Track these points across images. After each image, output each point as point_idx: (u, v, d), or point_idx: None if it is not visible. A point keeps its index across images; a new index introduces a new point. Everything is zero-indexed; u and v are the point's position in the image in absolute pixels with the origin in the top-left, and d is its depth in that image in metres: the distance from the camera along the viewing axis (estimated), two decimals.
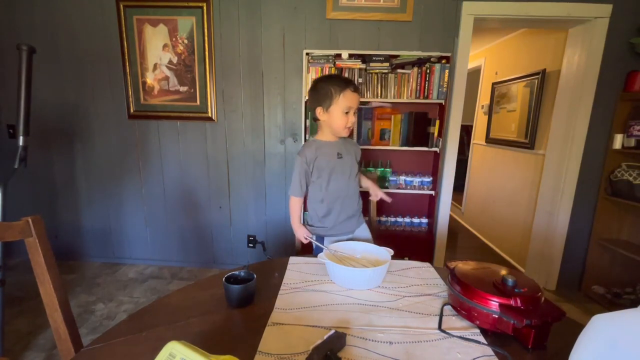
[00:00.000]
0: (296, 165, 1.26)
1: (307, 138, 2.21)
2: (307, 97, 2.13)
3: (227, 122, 2.36)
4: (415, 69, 2.07)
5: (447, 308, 0.80)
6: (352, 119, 1.21)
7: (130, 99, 2.33)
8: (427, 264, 1.06)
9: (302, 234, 1.29)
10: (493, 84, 3.31)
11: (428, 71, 2.06)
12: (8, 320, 1.79)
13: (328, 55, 2.09)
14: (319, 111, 1.22)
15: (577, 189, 2.25)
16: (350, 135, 2.05)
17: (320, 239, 1.32)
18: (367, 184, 1.40)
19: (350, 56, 2.08)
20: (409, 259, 1.09)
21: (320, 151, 1.25)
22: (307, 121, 2.19)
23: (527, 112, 2.73)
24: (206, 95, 2.30)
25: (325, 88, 1.18)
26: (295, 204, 1.32)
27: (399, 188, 2.20)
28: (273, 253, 2.52)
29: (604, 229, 2.23)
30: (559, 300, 2.25)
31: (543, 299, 0.70)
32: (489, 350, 0.65)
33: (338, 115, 1.19)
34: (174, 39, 2.23)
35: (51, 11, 2.24)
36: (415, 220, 2.31)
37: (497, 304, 0.68)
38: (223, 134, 2.38)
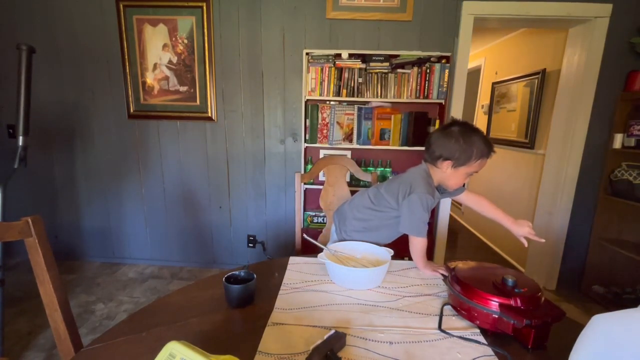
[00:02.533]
0: (421, 203, 1.04)
1: (306, 138, 2.20)
2: (305, 98, 2.13)
3: (227, 122, 2.36)
4: (415, 68, 2.07)
5: (447, 308, 0.80)
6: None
7: (130, 98, 2.33)
8: None
9: (438, 269, 1.04)
10: (493, 83, 3.31)
11: (428, 71, 2.06)
12: (8, 320, 1.79)
13: (328, 55, 2.09)
14: (446, 164, 1.03)
15: (577, 188, 2.25)
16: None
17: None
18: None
19: (350, 56, 2.08)
20: (409, 259, 1.09)
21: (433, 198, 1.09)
22: (307, 121, 2.19)
23: (527, 112, 2.73)
24: (206, 95, 2.30)
25: (470, 147, 1.01)
26: (423, 245, 1.06)
27: None
28: (273, 253, 2.52)
29: (604, 229, 2.23)
30: (559, 300, 2.24)
31: (543, 299, 0.70)
32: (489, 350, 0.65)
33: (461, 177, 1.05)
34: (173, 39, 2.23)
35: (51, 11, 2.24)
36: None
37: (497, 304, 0.68)
38: (223, 134, 2.38)
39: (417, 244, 1.05)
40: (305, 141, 2.20)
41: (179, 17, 2.19)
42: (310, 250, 1.41)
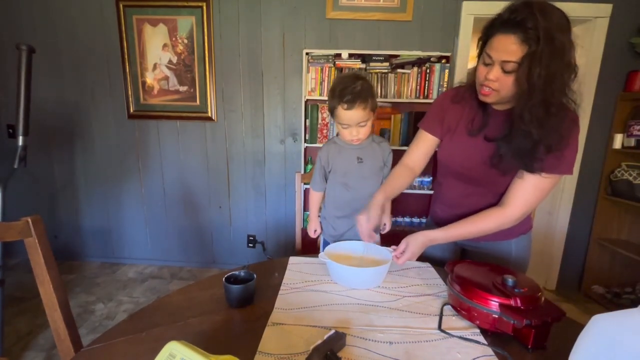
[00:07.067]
0: (317, 160, 1.24)
1: (306, 138, 2.21)
2: (305, 98, 2.14)
3: (227, 122, 2.36)
4: (415, 68, 2.07)
5: (447, 308, 0.80)
6: (355, 132, 1.10)
7: (130, 98, 2.33)
8: (427, 264, 1.05)
9: (312, 227, 1.28)
10: None
11: (428, 71, 2.06)
12: (8, 320, 1.79)
13: (328, 55, 2.09)
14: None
15: (577, 188, 2.25)
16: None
17: (327, 243, 1.26)
18: (386, 210, 1.21)
19: (350, 56, 2.08)
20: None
21: (338, 154, 1.19)
22: (307, 121, 2.19)
23: None
24: (206, 95, 2.30)
25: (330, 96, 1.10)
26: (313, 197, 1.30)
27: None
28: (273, 253, 2.52)
29: (603, 229, 2.23)
30: (559, 300, 2.24)
31: (543, 299, 0.70)
32: (489, 351, 0.65)
33: (341, 129, 1.14)
34: (173, 39, 2.23)
35: (51, 11, 2.24)
36: (415, 220, 2.31)
37: (497, 304, 0.67)
38: (223, 134, 2.37)
39: (309, 196, 1.28)
40: (305, 141, 2.20)
41: (179, 17, 2.19)
42: (310, 250, 1.41)
